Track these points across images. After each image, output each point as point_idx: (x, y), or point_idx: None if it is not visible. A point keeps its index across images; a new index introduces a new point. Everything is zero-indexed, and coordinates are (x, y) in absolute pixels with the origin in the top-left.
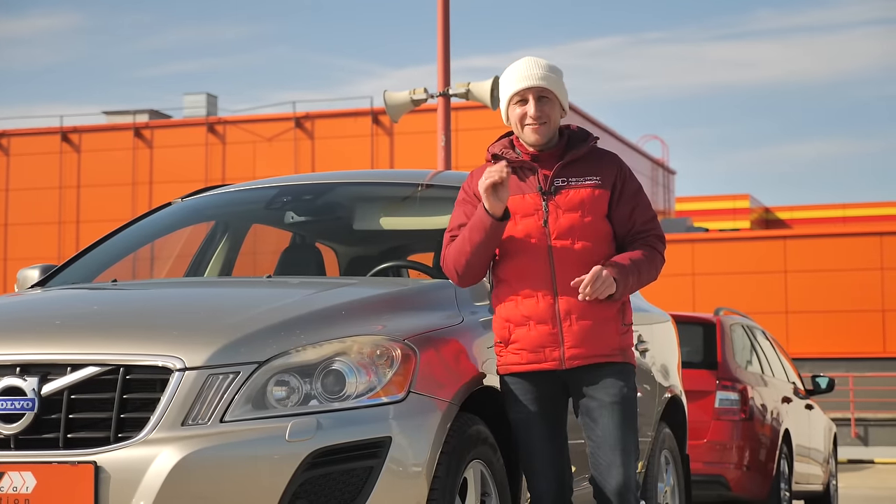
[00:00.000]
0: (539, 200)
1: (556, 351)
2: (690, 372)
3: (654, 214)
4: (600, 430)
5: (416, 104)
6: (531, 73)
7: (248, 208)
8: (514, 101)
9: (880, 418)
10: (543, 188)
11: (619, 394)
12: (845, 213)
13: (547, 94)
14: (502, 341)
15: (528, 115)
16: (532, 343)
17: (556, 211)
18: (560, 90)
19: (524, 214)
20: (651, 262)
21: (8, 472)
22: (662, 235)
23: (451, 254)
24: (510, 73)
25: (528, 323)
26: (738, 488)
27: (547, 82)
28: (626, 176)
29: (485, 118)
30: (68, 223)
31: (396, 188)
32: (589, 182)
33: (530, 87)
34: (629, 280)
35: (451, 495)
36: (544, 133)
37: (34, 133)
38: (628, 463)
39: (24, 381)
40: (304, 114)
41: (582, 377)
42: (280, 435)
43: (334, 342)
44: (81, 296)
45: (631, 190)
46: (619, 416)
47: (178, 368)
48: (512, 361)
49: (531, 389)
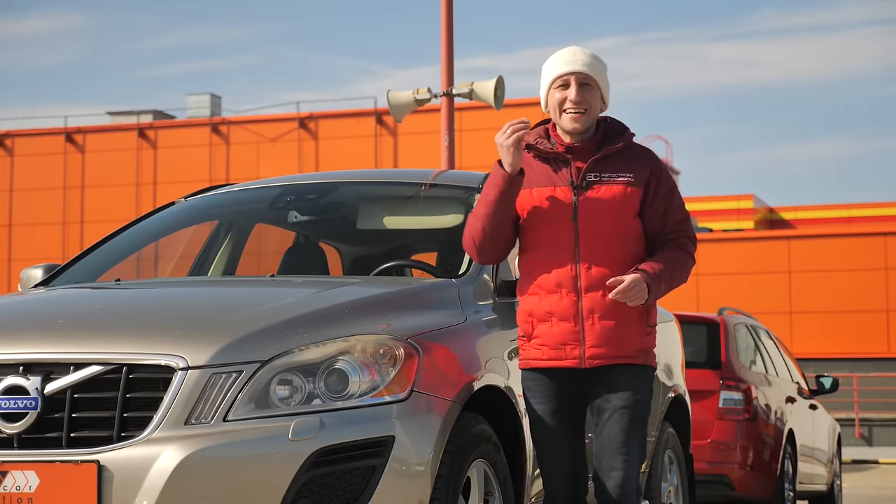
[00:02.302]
0: (570, 194)
1: (576, 349)
2: (694, 372)
3: (687, 215)
4: (606, 432)
5: (420, 104)
6: (575, 58)
7: (252, 208)
8: (556, 84)
9: (884, 418)
10: (575, 182)
11: (632, 399)
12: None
13: (589, 82)
14: (525, 335)
15: (568, 99)
16: (554, 340)
17: (586, 206)
18: (603, 80)
19: (554, 207)
20: (682, 265)
21: (11, 471)
22: (694, 237)
23: (469, 223)
24: (554, 58)
25: (550, 319)
26: (742, 488)
27: (590, 69)
28: (661, 174)
29: (488, 118)
30: (72, 223)
31: (400, 188)
32: (622, 179)
33: (573, 71)
34: (661, 287)
35: (455, 494)
36: (584, 121)
37: (38, 133)
38: (629, 467)
39: (27, 381)
40: (307, 114)
41: (600, 377)
42: (283, 434)
43: (337, 341)
44: (85, 295)
45: (665, 189)
46: (627, 420)
47: (181, 367)
48: (533, 356)
49: (551, 386)
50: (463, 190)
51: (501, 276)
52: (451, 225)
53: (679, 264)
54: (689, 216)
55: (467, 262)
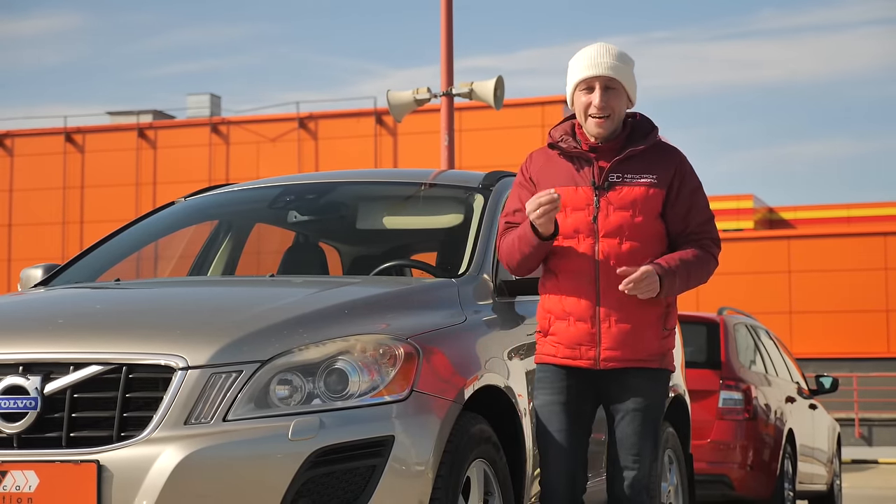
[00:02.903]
0: (591, 195)
1: (592, 350)
2: (694, 371)
3: (711, 216)
4: (619, 433)
5: (420, 104)
6: (600, 60)
7: (252, 207)
8: (581, 87)
9: (884, 418)
10: (597, 182)
11: (645, 402)
12: (849, 213)
13: (614, 85)
14: (542, 331)
15: (592, 104)
16: (570, 339)
17: (607, 208)
18: (629, 81)
19: (575, 208)
20: (702, 264)
21: (11, 470)
22: (718, 238)
23: (504, 250)
24: (580, 59)
25: (568, 318)
26: (742, 488)
27: (615, 72)
28: (685, 174)
29: (488, 118)
30: (72, 223)
31: (399, 187)
32: (644, 180)
33: (598, 75)
34: (675, 282)
35: (454, 494)
36: (608, 127)
37: (38, 133)
38: (641, 468)
39: (26, 380)
40: (307, 114)
41: (614, 379)
42: (283, 434)
43: (337, 341)
44: (84, 295)
45: (688, 189)
46: (639, 423)
47: (180, 367)
48: (548, 352)
49: (562, 379)
50: (463, 190)
51: (501, 276)
52: (451, 225)
53: (698, 263)
54: (713, 217)
55: (467, 262)
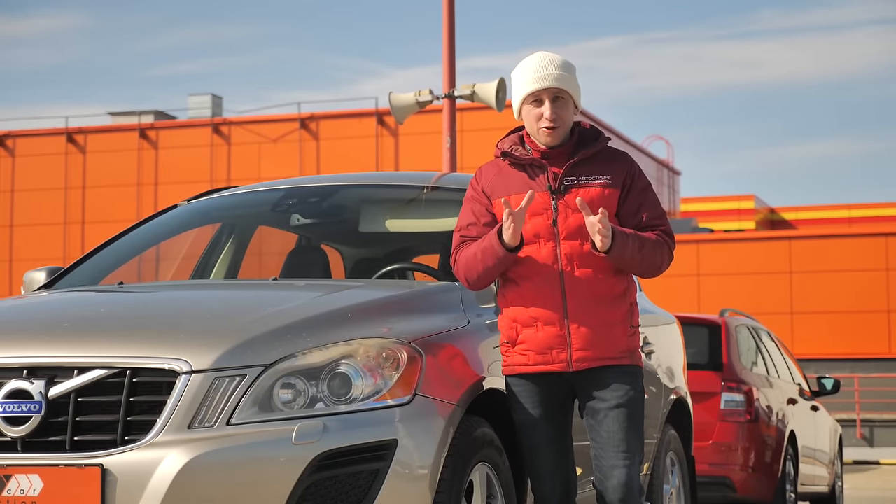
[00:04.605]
0: (548, 199)
1: (563, 353)
2: (696, 373)
3: (663, 212)
4: (604, 431)
5: (422, 106)
6: (546, 73)
7: (254, 210)
8: (529, 100)
9: (885, 419)
10: (553, 187)
11: (625, 396)
12: (850, 213)
13: (562, 95)
14: (509, 341)
15: (543, 116)
16: (539, 345)
17: (565, 210)
18: (574, 89)
19: (533, 213)
20: (656, 246)
21: (15, 474)
22: (671, 233)
23: (461, 264)
24: (525, 71)
25: (535, 324)
26: (744, 490)
27: (562, 83)
28: (636, 174)
29: (490, 119)
30: (73, 224)
31: (402, 190)
32: (599, 181)
33: (545, 88)
34: (627, 244)
35: (457, 498)
36: (558, 136)
37: (39, 134)
38: (631, 465)
39: (30, 384)
40: (308, 114)
41: (589, 379)
42: (286, 437)
43: (340, 345)
44: (88, 298)
45: (639, 187)
46: (623, 418)
47: (184, 371)
48: (518, 362)
49: (537, 391)
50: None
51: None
52: (454, 228)
53: (653, 244)
54: (665, 214)
55: None
